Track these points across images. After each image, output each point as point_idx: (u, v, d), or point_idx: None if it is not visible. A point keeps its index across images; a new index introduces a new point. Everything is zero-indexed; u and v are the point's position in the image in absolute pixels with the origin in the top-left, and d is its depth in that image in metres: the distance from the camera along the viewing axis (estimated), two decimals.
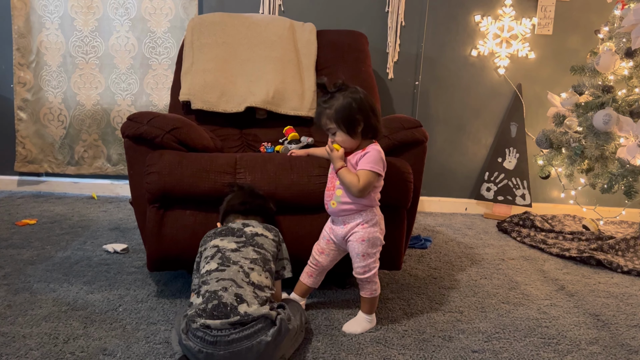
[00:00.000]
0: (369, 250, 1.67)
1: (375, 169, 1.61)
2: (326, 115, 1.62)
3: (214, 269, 1.49)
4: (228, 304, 1.38)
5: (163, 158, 1.80)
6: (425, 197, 3.46)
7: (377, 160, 1.62)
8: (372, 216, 1.68)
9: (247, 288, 1.44)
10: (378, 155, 1.63)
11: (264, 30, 2.72)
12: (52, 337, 1.58)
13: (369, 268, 1.69)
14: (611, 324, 1.88)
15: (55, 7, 3.24)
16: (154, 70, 3.30)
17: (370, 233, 1.67)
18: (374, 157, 1.62)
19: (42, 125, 3.37)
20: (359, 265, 1.69)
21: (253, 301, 1.41)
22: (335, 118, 1.61)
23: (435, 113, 3.39)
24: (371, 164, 1.61)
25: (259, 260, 1.54)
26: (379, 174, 1.64)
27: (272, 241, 1.64)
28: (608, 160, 2.70)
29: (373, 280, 1.70)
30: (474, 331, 1.77)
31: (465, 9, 3.28)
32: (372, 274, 1.69)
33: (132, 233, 2.64)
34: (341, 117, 1.60)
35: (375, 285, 1.71)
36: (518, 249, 2.73)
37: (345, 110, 1.60)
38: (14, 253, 2.28)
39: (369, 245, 1.67)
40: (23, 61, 3.29)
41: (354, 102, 1.60)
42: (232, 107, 2.52)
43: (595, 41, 3.17)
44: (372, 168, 1.61)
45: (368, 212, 1.68)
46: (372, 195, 1.68)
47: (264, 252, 1.58)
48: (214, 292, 1.42)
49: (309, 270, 1.81)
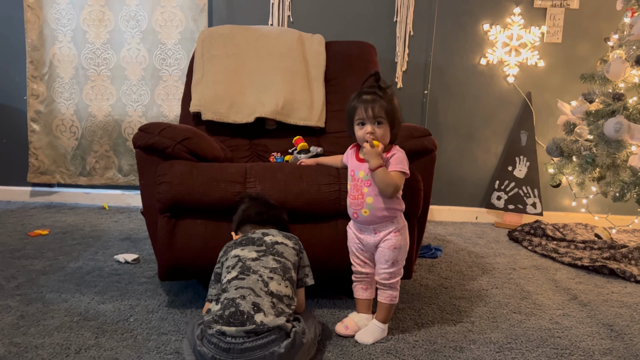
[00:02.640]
0: (399, 258, 1.70)
1: (405, 169, 1.66)
2: (381, 105, 1.64)
3: (234, 277, 1.50)
4: (245, 312, 1.39)
5: (174, 168, 1.81)
6: (435, 206, 3.45)
7: (405, 161, 1.68)
8: (403, 223, 1.72)
9: (265, 298, 1.44)
10: (404, 156, 1.68)
11: (273, 41, 2.74)
12: (64, 348, 1.59)
13: (395, 274, 1.70)
14: (625, 334, 1.86)
15: (67, 20, 3.29)
16: (165, 81, 3.34)
17: (402, 240, 1.69)
18: (401, 159, 1.67)
19: (55, 136, 3.41)
20: (386, 271, 1.69)
21: (270, 311, 1.41)
22: (387, 110, 1.64)
23: (445, 122, 3.39)
24: (401, 165, 1.66)
25: (279, 269, 1.54)
26: (407, 175, 1.68)
27: (292, 249, 1.64)
28: (620, 168, 2.68)
29: (395, 287, 1.72)
30: (485, 342, 1.75)
31: (473, 17, 3.28)
32: (396, 281, 1.71)
33: (143, 243, 2.66)
34: (392, 111, 1.65)
35: (396, 292, 1.72)
36: (529, 258, 2.71)
37: (395, 107, 1.66)
38: (26, 263, 2.30)
39: (399, 252, 1.69)
40: (36, 73, 3.34)
41: (397, 102, 1.68)
42: (242, 117, 2.53)
43: (605, 49, 3.16)
44: (403, 169, 1.65)
45: (399, 218, 1.70)
46: (401, 199, 1.70)
47: (284, 261, 1.58)
48: (232, 299, 1.43)
49: (362, 284, 1.78)
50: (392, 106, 1.65)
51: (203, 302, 1.91)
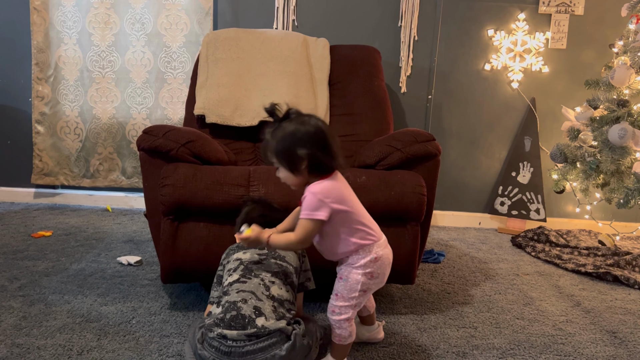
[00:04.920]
0: (343, 292, 1.48)
1: (312, 216, 1.39)
2: (269, 148, 1.42)
3: (236, 280, 1.50)
4: (246, 315, 1.39)
5: (178, 171, 1.82)
6: (438, 211, 3.45)
7: (314, 206, 1.39)
8: (363, 256, 1.46)
9: (266, 302, 1.44)
10: (314, 198, 1.39)
11: (277, 45, 2.75)
12: (66, 349, 1.59)
13: (338, 311, 1.48)
14: (629, 342, 1.85)
15: (73, 23, 3.30)
16: (169, 84, 3.35)
17: (350, 273, 1.47)
18: (309, 204, 1.39)
19: (59, 138, 3.42)
20: (330, 303, 1.51)
21: (271, 315, 1.41)
22: (276, 151, 1.41)
23: (449, 127, 3.39)
24: (306, 212, 1.39)
25: (280, 274, 1.55)
26: (321, 220, 1.40)
27: (294, 253, 1.64)
28: (624, 174, 2.67)
29: (342, 327, 1.49)
30: (488, 347, 1.74)
31: (478, 23, 3.28)
32: (341, 319, 1.48)
33: (146, 245, 2.66)
34: (282, 151, 1.40)
35: (344, 332, 1.50)
36: (533, 264, 2.70)
37: (288, 143, 1.39)
38: (29, 265, 2.31)
39: (345, 286, 1.48)
40: (41, 75, 3.35)
41: (299, 135, 1.38)
42: (246, 121, 2.54)
43: (609, 55, 3.16)
44: (308, 216, 1.39)
45: (360, 251, 1.47)
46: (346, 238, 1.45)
47: (286, 265, 1.58)
48: (234, 302, 1.42)
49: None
50: (284, 143, 1.39)
51: (205, 305, 1.91)
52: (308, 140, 1.38)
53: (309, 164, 1.40)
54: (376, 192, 1.83)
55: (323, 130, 1.42)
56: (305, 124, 1.40)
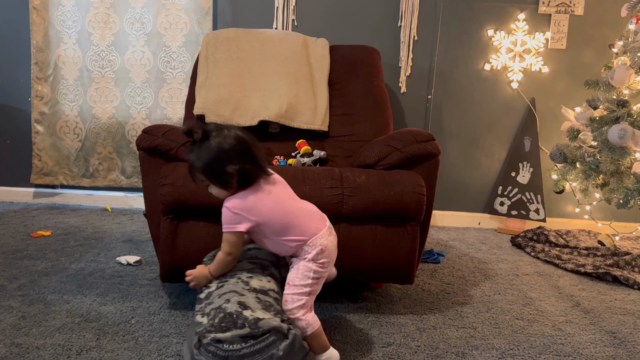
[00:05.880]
0: (295, 280, 1.50)
1: (233, 229, 1.45)
2: (196, 169, 1.44)
3: (214, 289, 1.50)
4: (233, 312, 1.38)
5: (177, 170, 1.81)
6: (438, 211, 3.45)
7: (232, 219, 1.45)
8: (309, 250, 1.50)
9: (248, 295, 1.44)
10: (230, 213, 1.44)
11: (277, 45, 2.75)
12: (65, 349, 1.59)
13: (291, 299, 1.48)
14: (628, 342, 1.85)
15: (73, 22, 3.30)
16: (169, 84, 3.35)
17: (301, 262, 1.50)
18: (227, 218, 1.46)
19: (58, 138, 3.42)
20: (283, 293, 1.51)
21: (257, 306, 1.40)
22: (205, 171, 1.44)
23: (448, 127, 3.39)
24: (226, 226, 1.46)
25: (256, 269, 1.55)
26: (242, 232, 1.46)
27: (266, 251, 1.62)
28: (624, 175, 2.67)
29: (297, 317, 1.47)
30: (487, 347, 1.74)
31: (478, 23, 3.28)
32: (294, 307, 1.47)
33: (145, 245, 2.66)
34: (211, 171, 1.43)
35: (301, 322, 1.48)
36: (532, 264, 2.70)
37: (215, 162, 1.42)
38: (28, 264, 2.31)
39: (296, 274, 1.50)
40: (41, 75, 3.35)
41: (225, 152, 1.41)
42: (246, 121, 2.54)
43: (609, 55, 3.16)
44: (228, 229, 1.46)
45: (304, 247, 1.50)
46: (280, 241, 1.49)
47: (260, 261, 1.59)
48: (218, 307, 1.41)
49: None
50: (210, 162, 1.42)
51: None
52: (235, 156, 1.42)
53: (238, 178, 1.44)
54: (376, 191, 1.82)
55: (246, 141, 1.45)
56: (228, 138, 1.42)
